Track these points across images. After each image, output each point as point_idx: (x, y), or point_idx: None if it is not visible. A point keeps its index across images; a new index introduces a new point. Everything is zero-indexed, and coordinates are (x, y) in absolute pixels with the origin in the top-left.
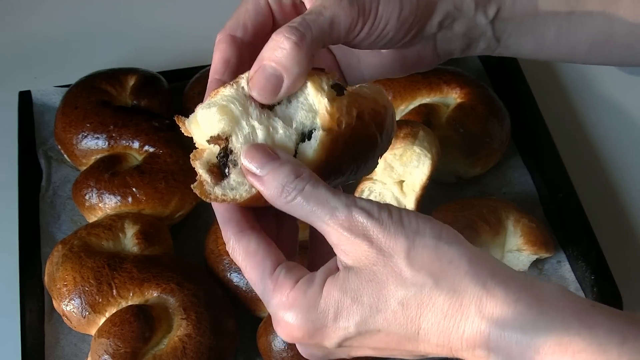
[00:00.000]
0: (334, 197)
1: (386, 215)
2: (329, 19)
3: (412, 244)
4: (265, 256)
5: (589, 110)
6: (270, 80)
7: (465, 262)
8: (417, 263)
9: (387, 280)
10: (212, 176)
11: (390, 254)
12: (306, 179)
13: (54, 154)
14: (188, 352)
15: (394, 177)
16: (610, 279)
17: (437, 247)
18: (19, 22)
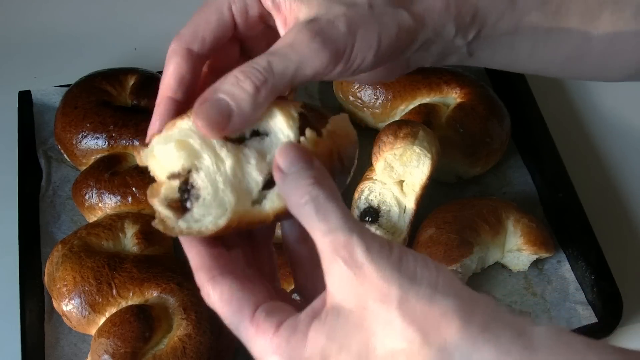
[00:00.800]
0: (340, 217)
1: (385, 255)
2: (296, 64)
3: (405, 294)
4: (242, 301)
5: (588, 110)
6: (221, 114)
7: (457, 317)
8: (408, 315)
9: (377, 329)
10: (174, 211)
11: (382, 300)
12: (324, 189)
13: (54, 154)
14: (188, 352)
15: (394, 177)
16: (610, 279)
17: (432, 299)
18: (19, 22)
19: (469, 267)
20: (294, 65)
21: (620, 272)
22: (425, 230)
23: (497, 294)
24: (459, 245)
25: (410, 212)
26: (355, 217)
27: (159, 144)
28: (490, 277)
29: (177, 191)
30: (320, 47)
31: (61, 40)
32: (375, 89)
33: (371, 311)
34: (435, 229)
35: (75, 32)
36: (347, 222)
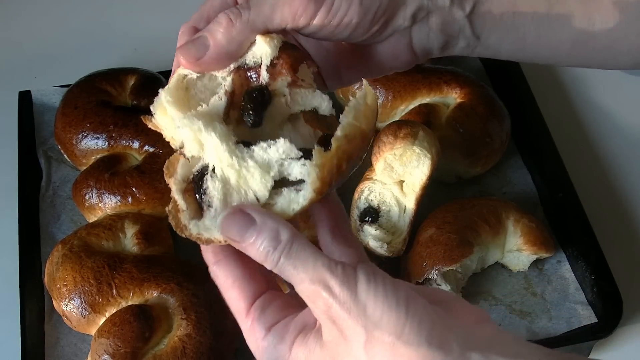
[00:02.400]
0: (303, 270)
1: (351, 299)
2: (271, 1)
3: (369, 338)
4: (241, 290)
5: (588, 110)
6: (198, 47)
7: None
8: (373, 357)
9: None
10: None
11: (350, 340)
12: (283, 244)
13: (54, 154)
14: (188, 352)
15: (394, 177)
16: (610, 279)
17: (394, 347)
18: (19, 23)
19: (469, 267)
20: (271, 1)
21: (620, 272)
22: (425, 230)
23: (497, 294)
24: (459, 245)
25: (410, 212)
26: (355, 217)
27: (164, 94)
28: (490, 277)
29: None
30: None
31: (61, 41)
32: (375, 88)
33: (342, 348)
34: (435, 229)
35: (75, 33)
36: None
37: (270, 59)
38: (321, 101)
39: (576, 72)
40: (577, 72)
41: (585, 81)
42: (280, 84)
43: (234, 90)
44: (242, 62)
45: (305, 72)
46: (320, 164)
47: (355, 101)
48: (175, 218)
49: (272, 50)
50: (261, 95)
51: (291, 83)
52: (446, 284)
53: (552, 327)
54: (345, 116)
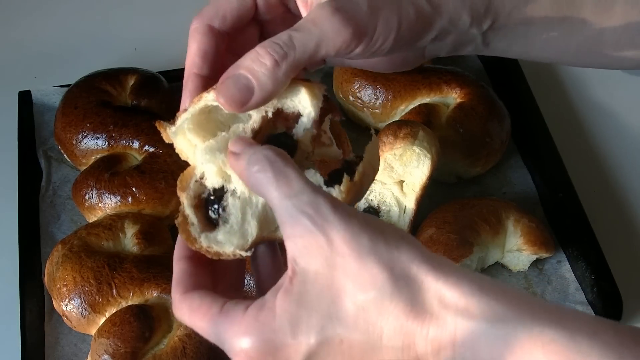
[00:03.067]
0: (302, 181)
1: (353, 212)
2: (317, 38)
3: (375, 244)
4: (211, 303)
5: (588, 110)
6: (242, 90)
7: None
8: (378, 262)
9: (346, 284)
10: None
11: (351, 253)
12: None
13: (54, 154)
14: (188, 352)
15: (393, 177)
16: (610, 279)
17: (399, 246)
18: (19, 23)
19: (469, 267)
20: (315, 39)
21: (620, 272)
22: (425, 230)
23: None
24: (459, 245)
25: (410, 212)
26: None
27: (185, 119)
28: (490, 277)
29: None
30: (342, 22)
31: (61, 40)
32: (375, 88)
33: (340, 267)
34: (435, 229)
35: (75, 32)
36: (309, 184)
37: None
38: (336, 155)
39: (576, 72)
40: (577, 72)
41: (585, 81)
42: (303, 133)
43: (260, 128)
44: (280, 106)
45: (327, 122)
46: (346, 190)
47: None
48: (185, 231)
49: (315, 114)
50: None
51: (315, 137)
52: None
53: None
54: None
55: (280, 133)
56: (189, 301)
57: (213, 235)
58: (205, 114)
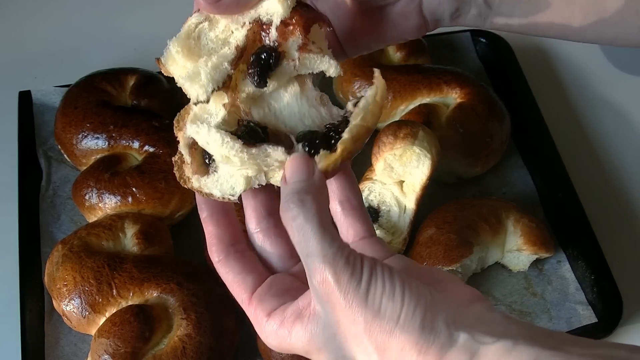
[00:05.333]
0: (317, 241)
1: (353, 287)
2: None
3: (369, 327)
4: (241, 285)
5: (588, 110)
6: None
7: (414, 351)
8: (372, 344)
9: (349, 341)
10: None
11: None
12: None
13: (54, 154)
14: (188, 352)
15: (393, 177)
16: (610, 279)
17: (392, 334)
18: (19, 23)
19: (469, 267)
20: None
21: (620, 272)
22: (425, 230)
23: (497, 294)
24: (459, 245)
25: (410, 212)
26: None
27: (173, 44)
28: (490, 277)
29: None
30: None
31: (61, 40)
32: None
33: (343, 330)
34: (435, 229)
35: (75, 32)
36: (323, 246)
37: (281, 19)
38: (328, 66)
39: (576, 71)
40: (577, 72)
41: (586, 81)
42: (290, 44)
43: (245, 45)
44: (257, 17)
45: (317, 33)
46: (324, 166)
47: (365, 101)
48: (180, 169)
49: (284, 10)
50: (268, 59)
51: (302, 46)
52: None
53: (552, 327)
54: (353, 118)
55: (265, 48)
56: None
57: (204, 179)
58: (195, 40)
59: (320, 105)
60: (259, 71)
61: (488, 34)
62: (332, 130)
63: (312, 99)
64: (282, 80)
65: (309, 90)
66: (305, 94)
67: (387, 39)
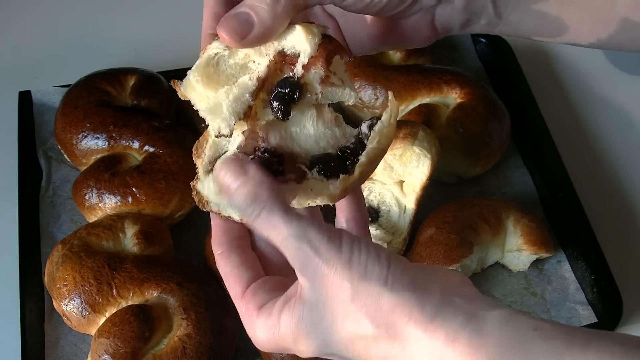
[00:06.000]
0: (286, 224)
1: (334, 253)
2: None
3: (355, 291)
4: (237, 278)
5: (588, 110)
6: (242, 24)
7: (407, 310)
8: (361, 309)
9: (337, 318)
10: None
11: (337, 296)
12: (262, 203)
13: (54, 154)
14: (188, 352)
15: (393, 177)
16: (610, 279)
17: (380, 295)
18: (19, 23)
19: (469, 267)
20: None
21: (620, 272)
22: (425, 230)
23: (497, 294)
24: (459, 245)
25: (410, 212)
26: None
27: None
28: (490, 277)
29: None
30: None
31: (61, 40)
32: (375, 89)
33: (331, 305)
34: (435, 229)
35: (75, 33)
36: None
37: (309, 56)
38: (349, 98)
39: (576, 71)
40: (577, 72)
41: (586, 81)
42: (312, 77)
43: (267, 76)
44: (280, 49)
45: (338, 63)
46: (342, 188)
47: (381, 124)
48: (199, 194)
49: (311, 48)
50: (293, 93)
51: (324, 79)
52: None
53: None
54: (370, 142)
55: (285, 77)
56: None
57: (223, 203)
58: (213, 66)
59: (335, 126)
60: (282, 106)
61: (488, 34)
62: (347, 153)
63: (327, 121)
64: (303, 110)
65: (325, 112)
66: (321, 117)
67: (395, 45)
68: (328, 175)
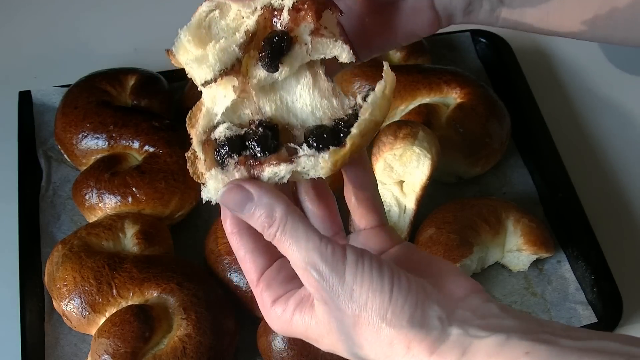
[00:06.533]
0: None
1: (337, 282)
2: None
3: (357, 320)
4: (251, 265)
5: (588, 110)
6: None
7: (405, 344)
8: (360, 337)
9: (340, 338)
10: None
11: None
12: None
13: (54, 154)
14: (188, 352)
15: (393, 177)
16: (610, 279)
17: (380, 328)
18: (19, 23)
19: (469, 267)
20: None
21: (620, 272)
22: (425, 230)
23: (497, 294)
24: (459, 245)
25: (410, 212)
26: None
27: (184, 33)
28: (490, 277)
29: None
30: None
31: (61, 41)
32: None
33: (335, 326)
34: (435, 229)
35: (75, 33)
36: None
37: (293, 2)
38: (341, 51)
39: (576, 71)
40: (577, 72)
41: (585, 81)
42: (302, 30)
43: (256, 31)
44: (268, 2)
45: (329, 18)
46: (333, 161)
47: (374, 95)
48: (193, 165)
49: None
50: (280, 42)
51: (314, 31)
52: None
53: None
54: (362, 113)
55: (276, 32)
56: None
57: (217, 174)
58: (205, 28)
59: (332, 96)
60: (270, 54)
61: (488, 34)
62: (341, 125)
63: (324, 90)
64: (294, 65)
65: (321, 81)
66: (317, 85)
67: (400, 38)
68: (320, 147)
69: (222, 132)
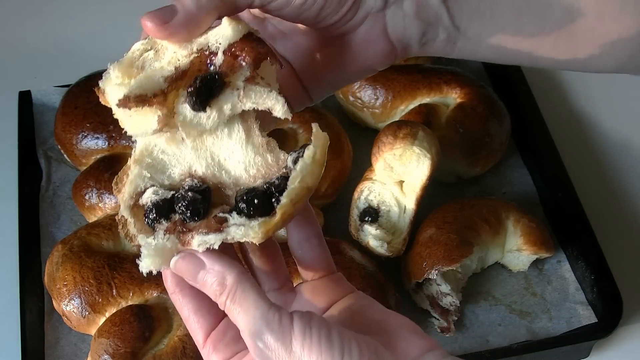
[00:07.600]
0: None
1: (284, 353)
2: None
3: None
4: (195, 326)
5: (588, 110)
6: (165, 12)
7: None
8: None
9: None
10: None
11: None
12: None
13: (54, 154)
14: (188, 352)
15: (393, 177)
16: (610, 279)
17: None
18: (19, 23)
19: (469, 267)
20: None
21: (620, 272)
22: (425, 230)
23: (497, 294)
24: (459, 245)
25: (410, 212)
26: (355, 216)
27: (114, 69)
28: (490, 277)
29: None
30: None
31: (61, 40)
32: (375, 89)
33: None
34: (435, 229)
35: (75, 32)
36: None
37: (230, 43)
38: (275, 102)
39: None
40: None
41: (586, 81)
42: (237, 76)
43: (188, 69)
44: (205, 45)
45: (267, 69)
46: (264, 231)
47: (303, 163)
48: (125, 227)
49: (233, 33)
50: (212, 82)
51: (249, 78)
52: (446, 284)
53: (552, 327)
54: (291, 181)
55: (209, 73)
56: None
57: (150, 239)
58: (137, 68)
59: (267, 152)
60: (198, 90)
61: None
62: (273, 189)
63: (258, 146)
64: (223, 110)
65: (255, 136)
66: (250, 141)
67: (354, 72)
68: (251, 214)
69: (148, 197)
